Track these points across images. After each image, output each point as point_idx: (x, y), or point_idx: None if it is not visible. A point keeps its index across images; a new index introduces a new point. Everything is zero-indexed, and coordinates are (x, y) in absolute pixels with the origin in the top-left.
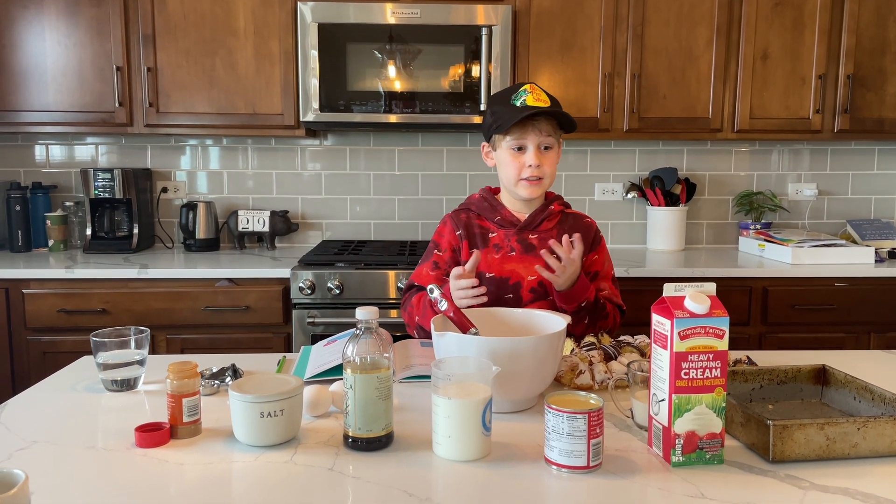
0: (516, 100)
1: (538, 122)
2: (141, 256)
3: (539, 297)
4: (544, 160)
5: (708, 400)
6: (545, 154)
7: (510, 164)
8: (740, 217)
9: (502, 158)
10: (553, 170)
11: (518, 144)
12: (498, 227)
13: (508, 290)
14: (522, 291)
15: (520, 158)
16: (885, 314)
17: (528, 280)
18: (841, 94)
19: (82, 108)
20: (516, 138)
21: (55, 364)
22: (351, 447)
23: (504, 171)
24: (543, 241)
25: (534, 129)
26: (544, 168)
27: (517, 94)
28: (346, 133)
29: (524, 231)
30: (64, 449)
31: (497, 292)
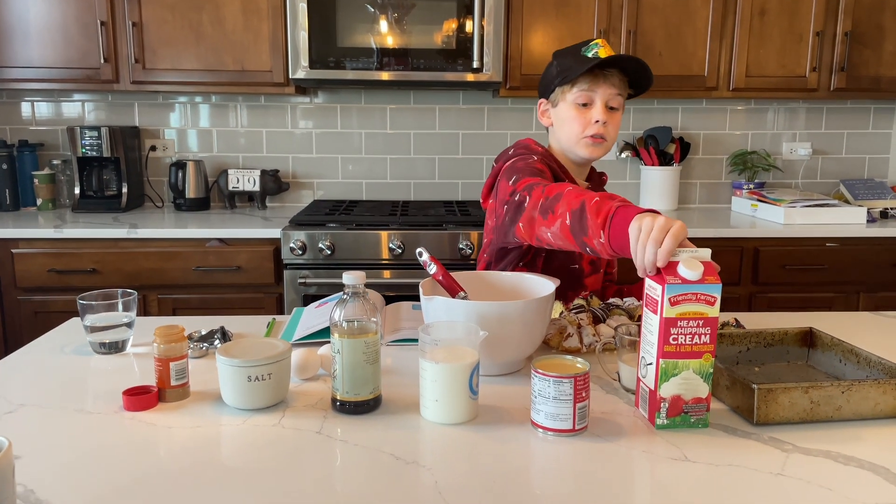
0: (587, 51)
1: (610, 75)
2: (130, 216)
3: (595, 269)
4: (610, 119)
5: (695, 365)
6: (612, 114)
7: (574, 119)
8: (734, 177)
9: (564, 115)
10: (616, 133)
11: (585, 98)
12: None
13: (575, 259)
14: (584, 263)
15: (585, 114)
16: (874, 274)
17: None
18: (838, 52)
19: (67, 64)
20: (584, 90)
21: (47, 323)
22: (339, 410)
23: (566, 128)
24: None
25: (605, 82)
26: (609, 128)
27: (588, 47)
28: (337, 90)
29: None
30: (51, 412)
31: (564, 261)
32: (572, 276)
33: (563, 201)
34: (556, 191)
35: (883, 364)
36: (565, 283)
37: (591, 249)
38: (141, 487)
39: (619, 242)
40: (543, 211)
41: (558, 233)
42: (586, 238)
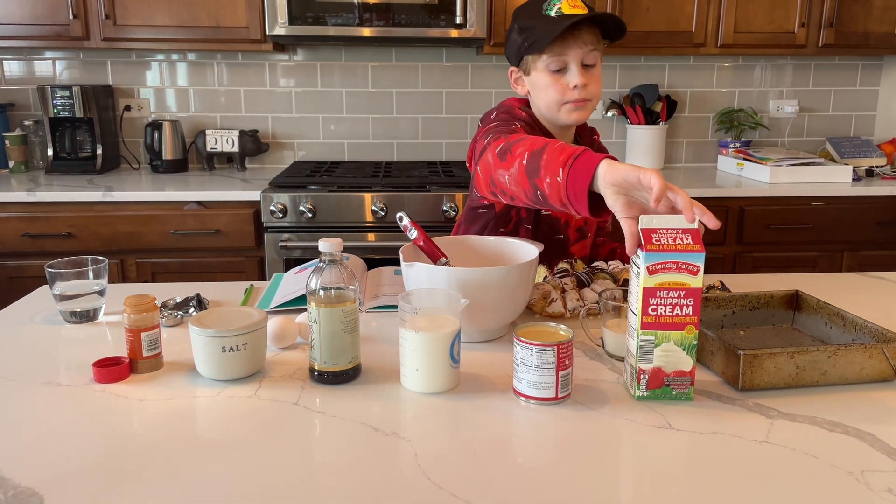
0: (549, 9)
1: (580, 32)
2: (106, 178)
3: (582, 236)
4: (590, 79)
5: (677, 337)
6: (590, 72)
7: (550, 87)
8: (720, 135)
9: (539, 82)
10: (599, 89)
11: (558, 64)
12: None
13: (559, 229)
14: (570, 231)
15: (561, 80)
16: (858, 233)
17: (576, 219)
18: (827, 7)
19: (34, 20)
20: (555, 56)
21: (23, 288)
22: (317, 381)
23: (543, 97)
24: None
25: (576, 41)
26: (591, 88)
27: (549, 4)
28: (318, 48)
29: None
30: (20, 384)
31: (549, 231)
32: (558, 246)
33: (525, 143)
34: (518, 136)
35: (869, 327)
36: (551, 253)
37: (542, 193)
38: (112, 462)
39: (577, 185)
40: (502, 153)
41: (515, 175)
42: (538, 179)
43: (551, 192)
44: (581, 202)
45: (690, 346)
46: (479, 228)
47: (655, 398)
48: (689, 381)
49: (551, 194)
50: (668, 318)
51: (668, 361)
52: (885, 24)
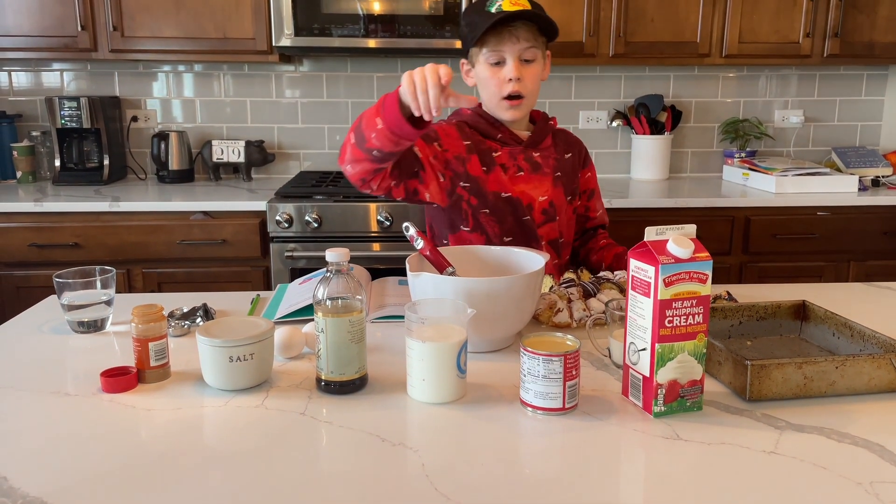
0: (491, 6)
1: (515, 28)
2: (113, 189)
3: (549, 218)
4: (525, 74)
5: (690, 347)
6: (526, 67)
7: (489, 79)
8: (725, 145)
9: (481, 74)
10: (536, 86)
11: (496, 58)
12: (501, 145)
13: (524, 210)
14: (534, 213)
15: (498, 74)
16: (865, 243)
17: (540, 201)
18: (832, 17)
19: (43, 32)
20: (492, 49)
21: (30, 298)
22: (324, 390)
23: (484, 89)
24: (546, 158)
25: (510, 36)
26: (526, 83)
27: (492, 1)
28: (323, 58)
29: (529, 149)
30: (29, 394)
31: (514, 213)
32: (527, 228)
33: (350, 132)
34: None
35: (877, 338)
36: (519, 236)
37: (376, 150)
38: (120, 473)
39: (391, 116)
40: (341, 152)
41: (351, 155)
42: (367, 143)
43: (382, 141)
44: (404, 127)
45: (701, 355)
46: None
47: (672, 412)
48: (699, 389)
49: (383, 142)
50: (683, 328)
51: (683, 373)
52: (890, 34)
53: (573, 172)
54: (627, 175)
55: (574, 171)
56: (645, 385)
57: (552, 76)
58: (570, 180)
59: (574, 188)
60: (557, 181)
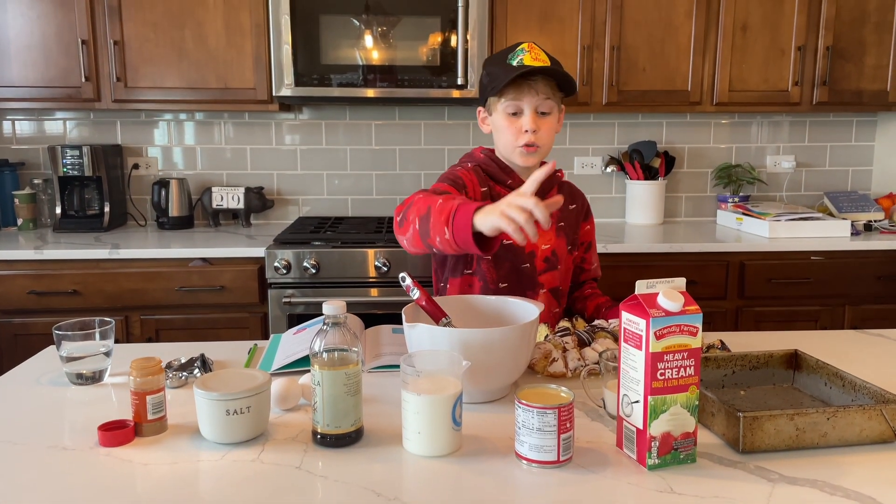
0: (513, 59)
1: (535, 82)
2: (113, 235)
3: (551, 266)
4: (541, 125)
5: (682, 399)
6: (542, 119)
7: (506, 129)
8: (719, 190)
9: (498, 124)
10: (550, 137)
11: (514, 108)
12: (509, 191)
13: (525, 258)
14: (536, 261)
15: (516, 123)
16: (859, 287)
17: (542, 249)
18: (820, 66)
19: (47, 83)
20: (511, 100)
21: (28, 346)
22: (320, 444)
23: (500, 137)
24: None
25: (530, 90)
26: (541, 135)
27: (514, 54)
28: (322, 107)
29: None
30: (25, 448)
31: (514, 261)
32: (524, 276)
33: (414, 208)
34: (410, 199)
35: (868, 388)
36: (519, 283)
37: (437, 249)
38: None
39: (461, 235)
40: (402, 220)
41: (411, 238)
42: (430, 239)
43: (445, 247)
44: (471, 248)
45: (693, 407)
46: (451, 268)
47: (666, 465)
48: (693, 442)
49: (445, 248)
50: (675, 380)
51: (676, 425)
52: (877, 83)
53: (575, 223)
54: (623, 220)
55: (576, 223)
56: (639, 437)
57: None
58: (572, 231)
59: (575, 239)
60: (560, 231)
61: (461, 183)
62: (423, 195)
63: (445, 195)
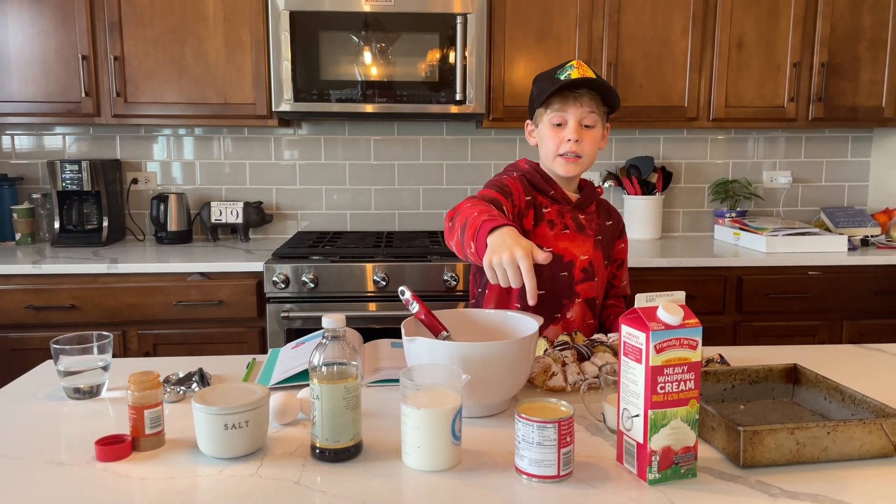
0: (561, 74)
1: (580, 95)
2: (111, 250)
3: (588, 277)
4: (585, 137)
5: (683, 413)
6: (586, 131)
7: (550, 138)
8: (716, 205)
9: (543, 134)
10: (593, 150)
11: (558, 119)
12: (552, 202)
13: (563, 267)
14: (575, 270)
15: (559, 134)
16: (857, 302)
17: (581, 259)
18: (815, 83)
19: (47, 98)
20: (556, 111)
21: (25, 362)
22: (318, 458)
23: (544, 146)
24: (590, 221)
25: (575, 102)
26: (584, 145)
27: (563, 69)
28: (321, 122)
29: (576, 210)
30: (22, 463)
31: (553, 268)
32: (562, 284)
33: (461, 217)
34: (460, 206)
35: (867, 402)
36: (557, 291)
37: (472, 260)
38: None
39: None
40: (451, 227)
41: (457, 246)
42: (467, 249)
43: (474, 259)
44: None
45: (693, 421)
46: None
47: (666, 479)
48: (693, 456)
49: (474, 259)
50: (675, 394)
51: (676, 439)
52: (872, 99)
53: (611, 238)
54: None
55: (612, 238)
56: (639, 451)
57: None
58: (608, 245)
59: (610, 254)
60: (598, 244)
61: (508, 190)
62: (470, 203)
63: (486, 206)
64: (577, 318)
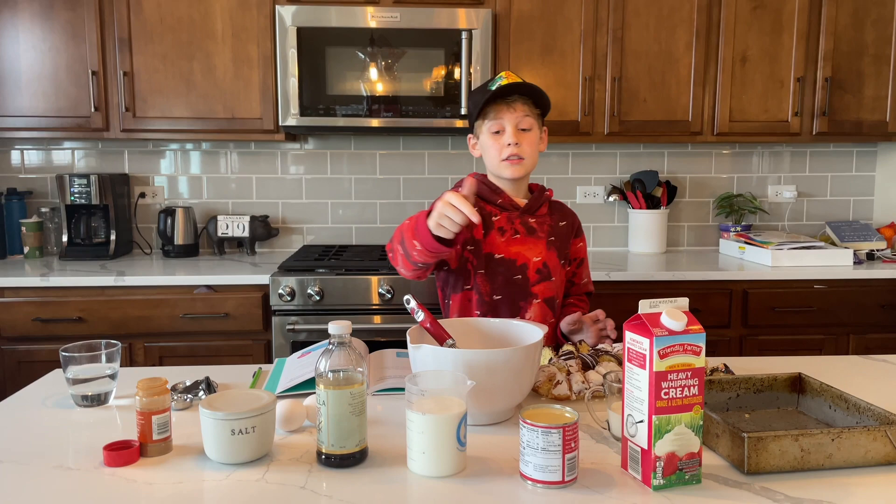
0: (492, 85)
1: (513, 101)
2: (118, 263)
3: (544, 277)
4: (523, 140)
5: (687, 419)
6: (524, 135)
7: (491, 146)
8: (721, 219)
9: (484, 143)
10: (533, 151)
11: (496, 127)
12: (500, 210)
13: (516, 271)
14: (529, 272)
15: (499, 140)
16: (863, 316)
17: (534, 261)
18: (819, 97)
19: (57, 113)
20: (493, 119)
21: (31, 374)
22: (324, 464)
23: (488, 155)
24: (541, 224)
25: (508, 108)
26: (524, 148)
27: (493, 81)
28: (327, 137)
29: (525, 214)
30: (30, 469)
31: (506, 274)
32: (517, 287)
33: (395, 237)
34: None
35: (872, 410)
36: (512, 294)
37: (420, 262)
38: None
39: (426, 241)
40: (391, 251)
41: (402, 262)
42: (413, 257)
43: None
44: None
45: (698, 427)
46: (452, 285)
47: (671, 485)
48: (697, 462)
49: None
50: (679, 400)
51: (680, 445)
52: (876, 113)
53: (566, 238)
54: (625, 248)
55: (567, 238)
56: (644, 457)
57: (550, 152)
58: (563, 245)
59: (566, 253)
60: (551, 245)
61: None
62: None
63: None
64: (536, 318)
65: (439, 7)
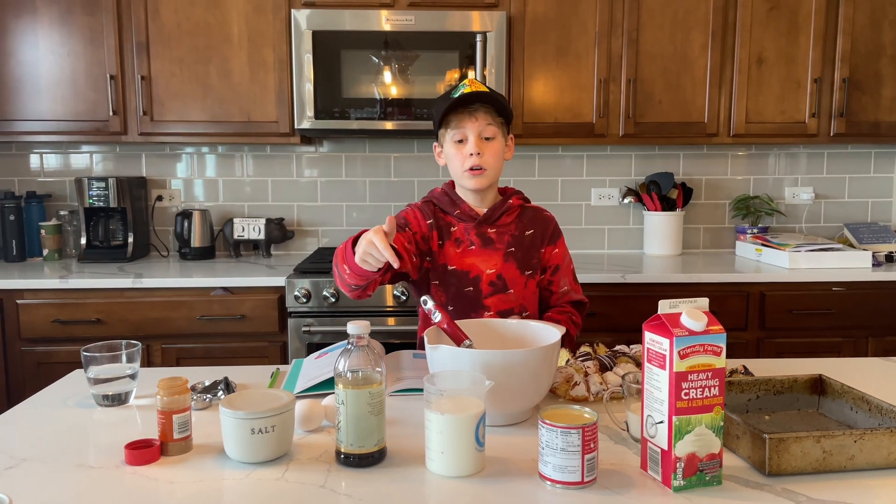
0: (454, 93)
1: (474, 110)
2: (136, 265)
3: (498, 290)
4: (486, 149)
5: (707, 420)
6: (487, 144)
7: (455, 156)
8: (737, 221)
9: (448, 153)
10: (497, 160)
11: (459, 136)
12: (458, 220)
13: (469, 283)
14: (482, 285)
15: (462, 150)
16: (882, 318)
17: (487, 273)
18: (836, 98)
19: (76, 116)
20: (455, 128)
21: (50, 375)
22: (343, 463)
23: (451, 164)
24: (500, 235)
25: (470, 117)
26: (486, 158)
27: (456, 89)
28: (342, 140)
29: (483, 225)
30: (52, 467)
31: (458, 285)
32: (467, 299)
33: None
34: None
35: (895, 411)
36: (463, 306)
37: (355, 285)
38: None
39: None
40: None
41: (341, 285)
42: (346, 280)
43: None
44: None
45: (718, 428)
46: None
47: (691, 486)
48: (718, 463)
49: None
50: (699, 400)
51: (701, 445)
52: (894, 114)
53: (532, 248)
54: (641, 251)
55: (533, 247)
56: (664, 458)
57: (565, 154)
58: (526, 255)
59: (533, 263)
60: (509, 256)
61: (402, 223)
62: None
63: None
64: None
65: (453, 10)
